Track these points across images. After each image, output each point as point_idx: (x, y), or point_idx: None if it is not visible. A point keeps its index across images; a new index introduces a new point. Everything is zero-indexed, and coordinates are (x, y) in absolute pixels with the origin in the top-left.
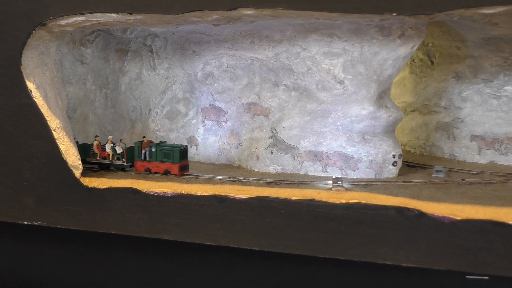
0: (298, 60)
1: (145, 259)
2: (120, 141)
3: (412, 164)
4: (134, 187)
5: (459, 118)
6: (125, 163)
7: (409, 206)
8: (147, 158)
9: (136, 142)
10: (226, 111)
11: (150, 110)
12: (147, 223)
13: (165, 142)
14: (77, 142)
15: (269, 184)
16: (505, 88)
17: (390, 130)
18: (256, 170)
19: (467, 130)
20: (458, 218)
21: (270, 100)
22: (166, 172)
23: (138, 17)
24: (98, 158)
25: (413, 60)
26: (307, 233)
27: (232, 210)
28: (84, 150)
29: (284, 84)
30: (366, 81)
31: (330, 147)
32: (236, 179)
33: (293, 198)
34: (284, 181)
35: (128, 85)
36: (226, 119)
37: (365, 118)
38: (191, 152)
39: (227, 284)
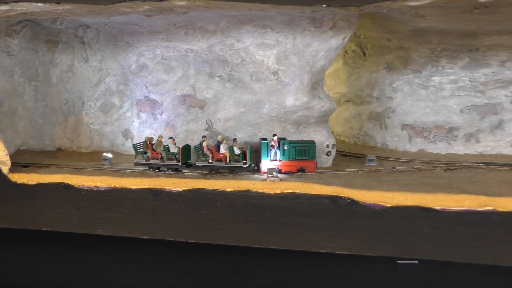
0: (232, 51)
1: (79, 255)
2: (234, 140)
3: (346, 154)
4: (66, 182)
5: (390, 108)
6: (245, 165)
7: (342, 195)
8: (278, 157)
9: (263, 141)
10: (161, 103)
11: (83, 103)
12: (81, 218)
13: (285, 139)
14: (174, 143)
15: (204, 176)
16: (432, 78)
17: (323, 121)
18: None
19: (398, 120)
20: (389, 205)
21: (205, 92)
22: (300, 171)
23: (67, 7)
24: (210, 161)
25: (346, 52)
26: (242, 224)
27: (168, 203)
28: (187, 152)
29: (219, 76)
30: (299, 72)
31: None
32: (171, 172)
33: (228, 189)
34: (219, 172)
35: (59, 77)
36: (162, 112)
37: (299, 109)
38: (126, 145)
39: (163, 277)
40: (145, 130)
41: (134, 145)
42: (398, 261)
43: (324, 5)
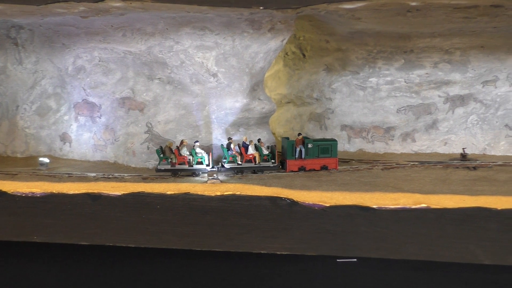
0: (171, 53)
1: (13, 264)
2: (259, 141)
3: None
4: None
5: (330, 109)
6: (274, 165)
7: (282, 196)
8: (303, 156)
9: (289, 141)
10: (100, 106)
11: (17, 106)
12: (15, 226)
13: (308, 137)
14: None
15: (144, 179)
16: (370, 79)
17: (264, 122)
18: (133, 165)
19: (337, 120)
20: (328, 204)
21: (144, 94)
22: (323, 168)
23: None
24: (240, 162)
25: (286, 53)
26: (183, 227)
27: (107, 207)
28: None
29: (158, 78)
30: (239, 74)
31: (206, 140)
32: (111, 176)
33: (169, 192)
34: (159, 175)
35: None
36: (100, 115)
37: (238, 111)
38: (64, 149)
39: (103, 283)
40: (84, 133)
41: (157, 151)
42: (338, 260)
43: (262, 7)
